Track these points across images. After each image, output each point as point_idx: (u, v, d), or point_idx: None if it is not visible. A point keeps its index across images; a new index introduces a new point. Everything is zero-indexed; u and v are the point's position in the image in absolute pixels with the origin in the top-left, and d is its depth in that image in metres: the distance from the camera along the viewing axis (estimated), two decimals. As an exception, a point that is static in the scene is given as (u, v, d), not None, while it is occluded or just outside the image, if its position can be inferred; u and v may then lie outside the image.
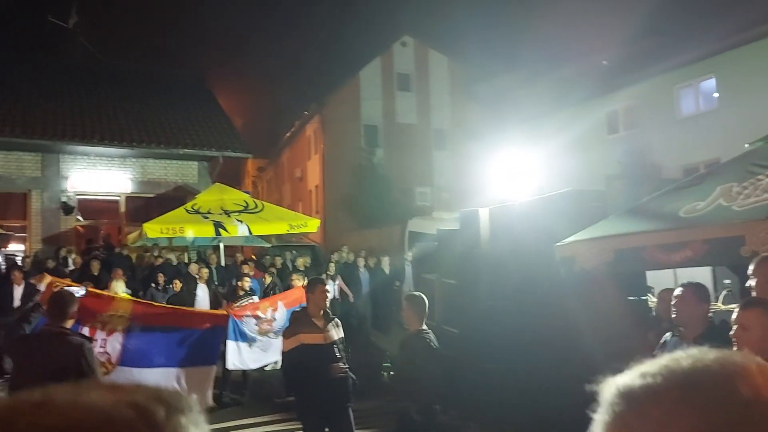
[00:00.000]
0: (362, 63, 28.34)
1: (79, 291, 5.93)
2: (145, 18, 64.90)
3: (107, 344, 5.98)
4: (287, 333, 5.10)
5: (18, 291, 9.67)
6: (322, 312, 5.02)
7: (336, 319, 5.19)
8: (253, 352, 7.29)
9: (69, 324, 3.99)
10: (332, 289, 11.15)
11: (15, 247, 14.28)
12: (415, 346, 4.67)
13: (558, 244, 5.21)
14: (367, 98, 27.82)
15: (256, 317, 7.30)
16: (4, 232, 10.52)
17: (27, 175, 14.22)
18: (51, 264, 10.98)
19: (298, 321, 5.13)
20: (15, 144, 13.66)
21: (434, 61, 29.26)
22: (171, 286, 10.57)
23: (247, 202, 13.01)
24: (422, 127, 28.58)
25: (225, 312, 7.35)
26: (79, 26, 19.75)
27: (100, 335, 5.92)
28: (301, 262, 13.16)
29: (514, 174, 7.37)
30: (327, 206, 27.16)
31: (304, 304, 7.68)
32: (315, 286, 5.16)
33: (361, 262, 13.53)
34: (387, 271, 13.33)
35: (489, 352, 6.20)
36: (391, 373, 5.03)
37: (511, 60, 26.05)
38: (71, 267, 12.11)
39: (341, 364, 4.83)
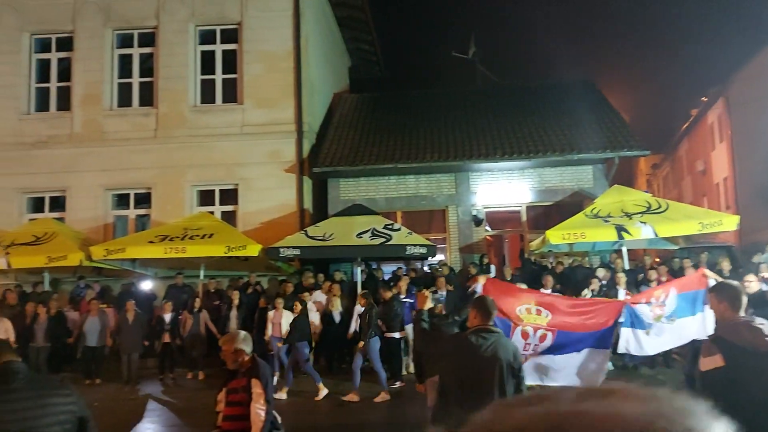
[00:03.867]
0: (776, 28, 24.03)
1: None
2: (532, 37, 68.08)
3: (533, 337, 6.87)
4: None
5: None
6: None
7: None
8: (650, 339, 7.48)
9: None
10: None
11: (439, 257, 16.66)
12: None
13: None
14: (787, 68, 23.38)
15: (649, 303, 7.53)
16: (431, 243, 12.53)
17: (444, 194, 16.39)
18: (473, 270, 12.45)
19: None
20: (435, 168, 15.90)
21: None
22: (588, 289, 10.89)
23: (649, 203, 12.43)
24: None
25: (623, 301, 7.75)
26: (477, 56, 22.03)
27: (527, 328, 6.87)
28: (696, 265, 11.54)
29: None
30: (740, 200, 23.81)
31: (700, 289, 7.21)
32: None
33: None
34: None
35: None
36: None
37: None
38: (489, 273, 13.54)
39: None
